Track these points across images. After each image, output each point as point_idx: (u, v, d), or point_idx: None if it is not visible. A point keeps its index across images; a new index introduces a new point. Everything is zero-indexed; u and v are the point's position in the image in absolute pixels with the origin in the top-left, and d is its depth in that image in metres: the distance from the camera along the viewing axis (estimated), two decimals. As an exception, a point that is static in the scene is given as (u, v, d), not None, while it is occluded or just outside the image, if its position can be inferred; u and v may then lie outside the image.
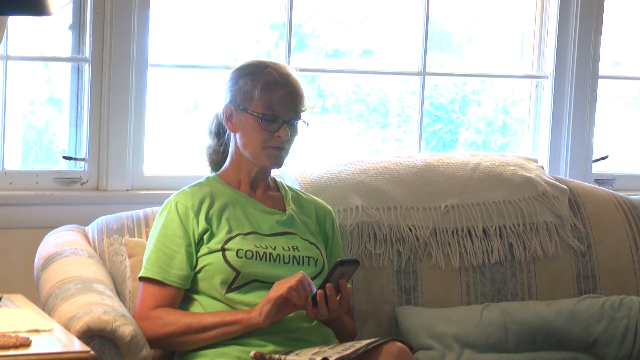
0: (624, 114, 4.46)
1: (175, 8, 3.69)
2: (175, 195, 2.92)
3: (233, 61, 3.33)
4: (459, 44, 4.26)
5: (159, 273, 2.82)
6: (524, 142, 4.18)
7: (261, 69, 2.89)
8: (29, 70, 3.59)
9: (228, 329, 2.75)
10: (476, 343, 3.17)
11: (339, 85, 4.09)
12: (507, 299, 3.37)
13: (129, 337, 2.59)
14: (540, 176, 3.54)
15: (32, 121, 3.64)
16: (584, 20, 4.06)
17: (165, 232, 2.85)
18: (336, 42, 4.04)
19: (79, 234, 3.17)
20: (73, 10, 3.53)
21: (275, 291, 2.71)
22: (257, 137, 2.86)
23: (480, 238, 3.39)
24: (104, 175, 3.54)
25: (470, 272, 3.36)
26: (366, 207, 3.31)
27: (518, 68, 4.22)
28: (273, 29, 3.88)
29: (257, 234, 2.89)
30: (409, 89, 4.10)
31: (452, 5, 3.97)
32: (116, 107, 3.52)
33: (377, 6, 3.86)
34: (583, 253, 3.48)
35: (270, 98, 2.86)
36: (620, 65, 4.40)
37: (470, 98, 4.26)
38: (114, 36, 3.48)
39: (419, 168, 3.46)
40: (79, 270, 2.90)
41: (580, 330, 3.24)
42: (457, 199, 3.41)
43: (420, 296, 3.30)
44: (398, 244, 3.31)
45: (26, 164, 3.61)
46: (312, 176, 3.33)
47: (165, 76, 3.73)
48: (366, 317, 3.25)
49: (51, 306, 2.74)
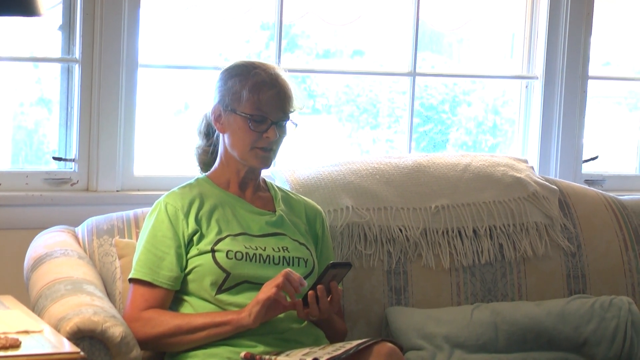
0: (614, 114, 4.46)
1: (165, 9, 3.68)
2: (164, 197, 2.91)
3: (223, 62, 3.33)
4: (449, 44, 4.26)
5: (149, 274, 2.81)
6: (514, 143, 4.18)
7: (250, 70, 2.88)
8: (18, 70, 3.58)
9: (218, 330, 2.75)
10: (466, 343, 3.17)
11: (329, 86, 4.08)
12: (498, 300, 3.37)
13: (119, 338, 2.58)
14: (530, 177, 3.55)
15: (22, 122, 3.63)
16: (573, 20, 4.07)
17: (155, 233, 2.85)
18: (327, 42, 4.04)
19: (69, 235, 3.16)
20: (63, 10, 3.52)
21: (264, 293, 2.71)
22: (246, 137, 2.86)
23: (471, 238, 3.39)
24: (94, 176, 3.53)
25: (461, 273, 3.36)
26: (356, 207, 3.31)
27: (508, 69, 4.22)
28: (263, 29, 3.88)
29: (247, 235, 2.88)
30: (399, 89, 4.10)
31: (443, 6, 3.97)
32: (106, 108, 3.51)
33: (367, 7, 3.86)
34: (573, 253, 3.48)
35: (259, 98, 2.85)
36: (610, 66, 4.40)
37: (460, 99, 4.26)
38: (104, 37, 3.48)
39: (409, 169, 3.46)
40: (69, 271, 2.89)
41: (570, 331, 3.25)
42: (448, 200, 3.41)
43: (411, 296, 3.30)
44: (388, 244, 3.31)
45: (16, 164, 3.60)
46: (303, 177, 3.33)
47: (156, 77, 3.72)
48: (357, 318, 3.25)
49: (41, 307, 2.73)
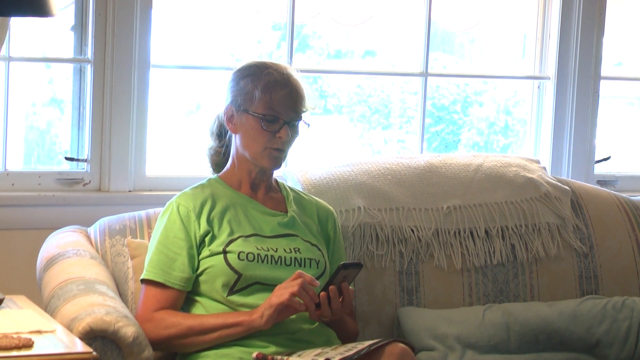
0: (626, 114, 4.45)
1: (177, 9, 3.68)
2: (176, 197, 2.91)
3: (235, 62, 3.33)
4: (461, 44, 4.25)
5: (161, 275, 2.81)
6: (526, 143, 4.18)
7: (262, 70, 2.88)
8: (31, 71, 3.59)
9: (230, 331, 2.75)
10: (478, 344, 3.17)
11: (341, 86, 4.08)
12: (509, 300, 3.36)
13: (131, 338, 2.58)
14: (542, 177, 3.54)
15: (35, 122, 3.64)
16: (586, 21, 4.06)
17: (167, 234, 2.85)
18: (338, 43, 4.04)
19: (81, 235, 3.17)
20: (75, 11, 3.53)
21: (277, 297, 2.71)
22: (258, 138, 2.86)
23: (483, 239, 3.39)
24: (106, 176, 3.54)
25: (473, 273, 3.36)
26: (368, 208, 3.31)
27: (520, 69, 4.21)
28: (275, 30, 3.88)
29: (259, 236, 2.88)
30: (411, 89, 4.10)
31: (454, 6, 3.97)
32: (118, 108, 3.52)
33: (379, 7, 3.86)
34: (585, 254, 3.48)
35: (271, 98, 2.85)
36: (622, 66, 4.39)
37: (472, 99, 4.26)
38: (116, 37, 3.48)
39: (421, 169, 3.46)
40: (82, 272, 2.90)
41: (583, 331, 3.24)
42: (460, 200, 3.41)
43: (423, 297, 3.30)
44: (400, 245, 3.31)
45: (28, 165, 3.61)
46: (315, 177, 3.33)
47: (167, 77, 3.73)
48: (368, 318, 3.24)
49: (53, 307, 2.74)
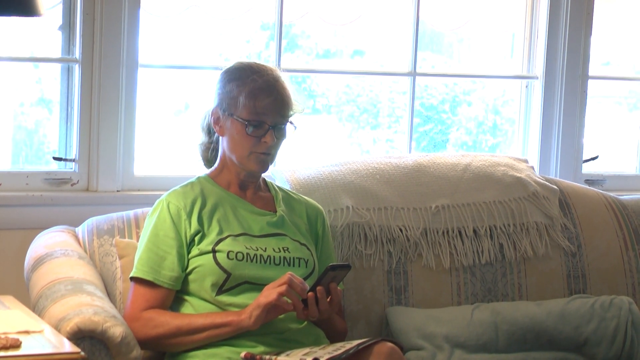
0: (614, 114, 4.46)
1: (165, 9, 3.68)
2: (166, 195, 2.91)
3: (224, 62, 3.33)
4: (449, 44, 4.26)
5: (150, 273, 2.81)
6: (515, 143, 4.18)
7: (248, 75, 2.87)
8: (19, 71, 3.58)
9: (218, 331, 2.74)
10: (467, 343, 3.17)
11: (329, 86, 4.08)
12: (498, 299, 3.37)
13: (120, 338, 2.58)
14: (530, 176, 3.55)
15: (22, 122, 3.63)
16: (573, 20, 4.07)
17: (157, 232, 2.85)
18: (327, 42, 4.04)
19: (69, 235, 3.16)
20: (63, 11, 3.52)
21: (265, 297, 2.71)
22: (244, 142, 2.85)
23: (471, 238, 3.39)
24: (95, 176, 3.53)
25: (461, 273, 3.36)
26: (357, 207, 3.31)
27: (508, 68, 4.22)
28: (263, 29, 3.88)
29: (248, 235, 2.88)
30: (399, 89, 4.10)
31: (443, 6, 3.97)
32: (106, 108, 3.51)
33: (367, 6, 3.86)
34: (573, 253, 3.48)
35: (255, 105, 2.84)
36: (610, 66, 4.40)
37: (460, 98, 4.26)
38: (104, 37, 3.48)
39: (409, 168, 3.46)
40: (69, 271, 2.89)
41: (571, 330, 3.25)
42: (448, 200, 3.41)
43: (411, 296, 3.30)
44: (389, 244, 3.31)
45: (16, 164, 3.60)
46: (303, 177, 3.33)
47: (156, 77, 3.72)
48: (357, 318, 3.25)
49: (41, 307, 2.73)
